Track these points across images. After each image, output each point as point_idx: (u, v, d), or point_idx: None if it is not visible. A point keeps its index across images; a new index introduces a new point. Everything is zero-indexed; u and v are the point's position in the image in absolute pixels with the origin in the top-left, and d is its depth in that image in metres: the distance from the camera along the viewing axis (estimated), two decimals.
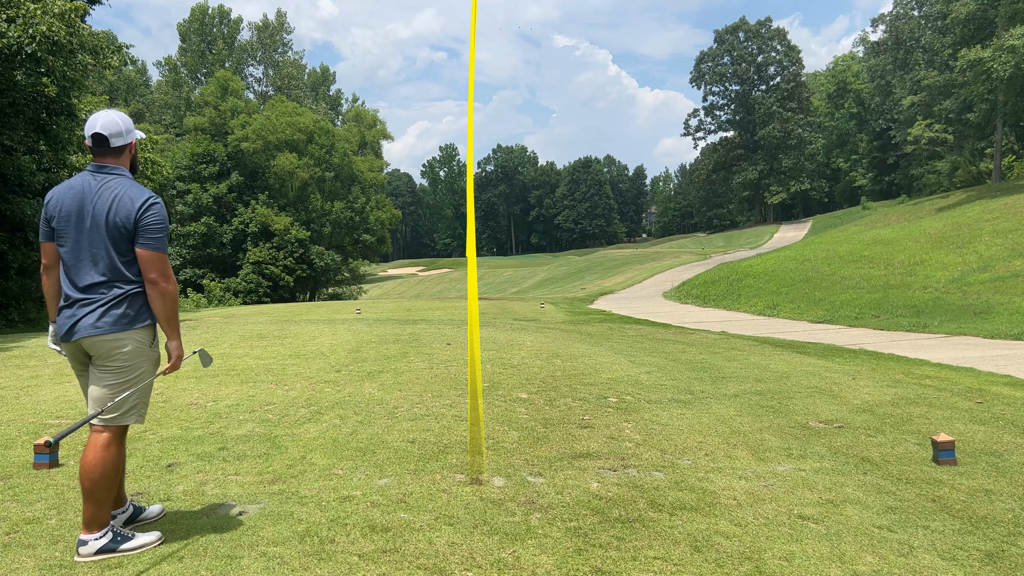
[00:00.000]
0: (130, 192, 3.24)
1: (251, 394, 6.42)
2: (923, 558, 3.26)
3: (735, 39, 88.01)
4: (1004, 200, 30.53)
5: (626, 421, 5.61)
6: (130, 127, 3.35)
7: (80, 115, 19.86)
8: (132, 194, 3.24)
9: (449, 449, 4.74)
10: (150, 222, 3.21)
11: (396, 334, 10.81)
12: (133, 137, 3.37)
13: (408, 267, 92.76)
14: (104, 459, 3.18)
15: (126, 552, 3.17)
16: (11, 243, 17.37)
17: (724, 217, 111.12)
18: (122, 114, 3.35)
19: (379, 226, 60.51)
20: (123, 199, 3.22)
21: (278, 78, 75.02)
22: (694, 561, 3.15)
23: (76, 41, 16.67)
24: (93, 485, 3.14)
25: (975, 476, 4.45)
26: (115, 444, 3.24)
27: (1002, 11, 39.92)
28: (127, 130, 3.32)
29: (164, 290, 3.22)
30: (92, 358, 3.25)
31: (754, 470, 4.48)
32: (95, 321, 3.16)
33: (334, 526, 3.45)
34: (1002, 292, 17.34)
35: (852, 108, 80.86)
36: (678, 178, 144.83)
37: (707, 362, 8.89)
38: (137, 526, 3.45)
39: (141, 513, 3.49)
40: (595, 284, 39.76)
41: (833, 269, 24.06)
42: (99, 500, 3.16)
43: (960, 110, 52.16)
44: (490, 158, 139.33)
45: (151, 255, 3.20)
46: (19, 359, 8.94)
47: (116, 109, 3.40)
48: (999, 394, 7.21)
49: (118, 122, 3.29)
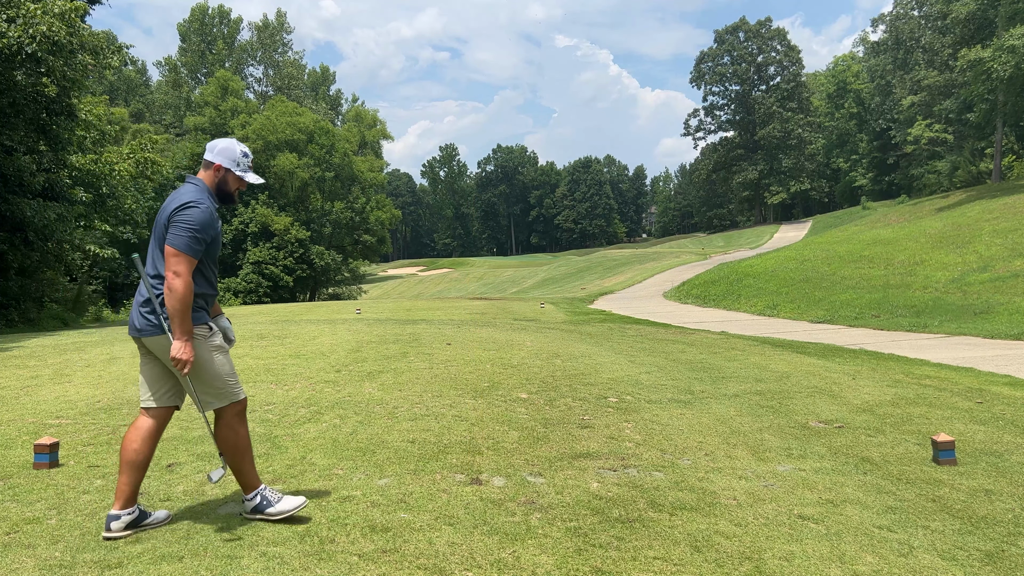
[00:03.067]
0: (181, 194, 3.45)
1: (251, 394, 6.41)
2: (923, 558, 3.26)
3: (735, 39, 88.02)
4: (1004, 200, 30.54)
5: (626, 421, 5.61)
6: (224, 150, 3.58)
7: (80, 115, 19.86)
8: (181, 196, 3.44)
9: (449, 449, 4.74)
10: (179, 219, 3.37)
11: (396, 334, 10.81)
12: (221, 160, 3.56)
13: (408, 267, 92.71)
14: (224, 436, 3.54)
15: (270, 517, 3.49)
16: (11, 243, 17.34)
17: (724, 217, 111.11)
18: (233, 142, 3.65)
19: (379, 226, 60.56)
20: (173, 200, 3.45)
21: (278, 78, 75.05)
22: (694, 561, 3.15)
23: (76, 41, 16.68)
24: (227, 458, 3.55)
25: (975, 476, 4.45)
26: (227, 427, 3.54)
27: (1002, 11, 39.91)
28: (219, 151, 3.57)
29: (171, 286, 3.31)
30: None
31: (754, 470, 4.48)
32: (138, 322, 3.47)
33: (334, 526, 3.45)
34: (1002, 292, 17.34)
35: (852, 108, 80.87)
36: (678, 178, 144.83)
37: (707, 362, 8.89)
38: (144, 529, 3.43)
39: (146, 518, 3.48)
40: (595, 284, 39.76)
41: (833, 269, 24.07)
42: (236, 469, 3.55)
43: (960, 110, 52.16)
44: (490, 158, 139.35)
45: (169, 250, 3.35)
46: (19, 359, 8.94)
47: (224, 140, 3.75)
48: (999, 394, 7.21)
49: (216, 143, 3.61)
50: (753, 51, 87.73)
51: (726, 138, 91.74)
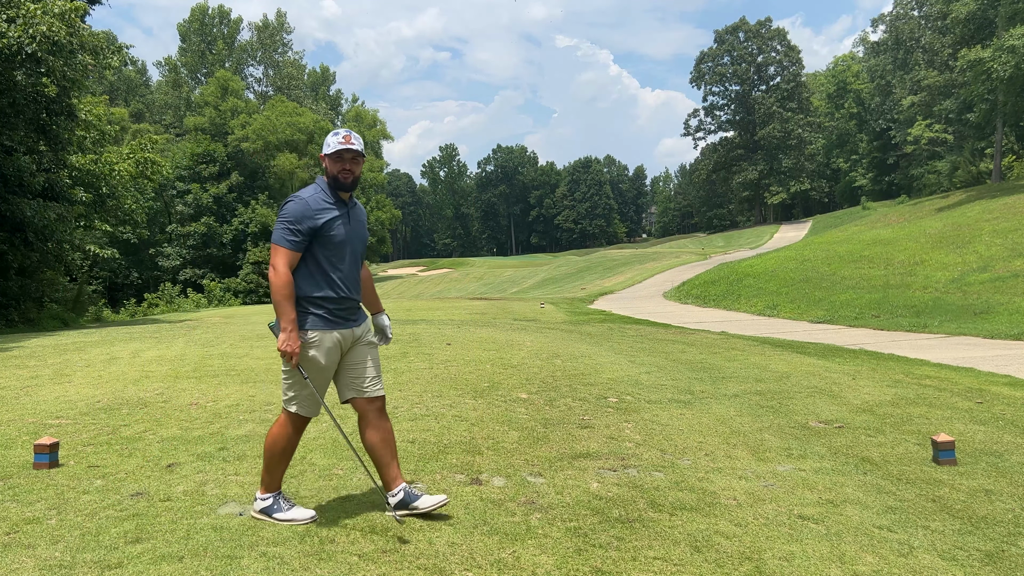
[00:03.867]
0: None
1: (251, 394, 6.42)
2: (923, 558, 3.26)
3: (735, 39, 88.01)
4: (1004, 200, 30.54)
5: (626, 421, 5.60)
6: (324, 143, 3.57)
7: (80, 115, 19.86)
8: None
9: (449, 449, 4.74)
10: (278, 215, 3.49)
11: (396, 334, 10.81)
12: (324, 151, 3.56)
13: (408, 267, 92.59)
14: (273, 433, 3.58)
15: (277, 520, 3.49)
16: (11, 243, 17.33)
17: (724, 217, 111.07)
18: (345, 131, 3.58)
19: (379, 226, 60.64)
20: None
21: (278, 78, 75.03)
22: (694, 561, 3.15)
23: (76, 41, 16.68)
24: (264, 452, 3.59)
25: (975, 476, 4.45)
26: (280, 426, 3.57)
27: (1002, 11, 39.92)
28: (325, 143, 3.57)
29: (270, 278, 3.43)
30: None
31: (754, 470, 4.48)
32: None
33: (334, 526, 3.45)
34: (1002, 292, 17.34)
35: (852, 108, 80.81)
36: (678, 178, 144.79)
37: (707, 362, 8.89)
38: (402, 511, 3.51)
39: (415, 500, 3.54)
40: (595, 284, 39.75)
41: (833, 269, 24.07)
42: (266, 466, 3.57)
43: (960, 110, 52.15)
44: (490, 158, 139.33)
45: (271, 245, 3.45)
46: (19, 359, 8.94)
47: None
48: (999, 394, 7.21)
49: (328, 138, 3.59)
50: (753, 51, 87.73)
51: (726, 138, 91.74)
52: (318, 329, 3.45)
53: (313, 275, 3.45)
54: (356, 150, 3.51)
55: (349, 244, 3.52)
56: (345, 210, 3.53)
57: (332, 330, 3.48)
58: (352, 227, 3.56)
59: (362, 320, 3.65)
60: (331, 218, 3.45)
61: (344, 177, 3.50)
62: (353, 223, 3.58)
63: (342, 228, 3.48)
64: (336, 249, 3.46)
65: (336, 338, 3.50)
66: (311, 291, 3.44)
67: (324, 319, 3.47)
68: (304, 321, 3.43)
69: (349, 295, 3.53)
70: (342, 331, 3.52)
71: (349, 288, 3.52)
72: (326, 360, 3.48)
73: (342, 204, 3.52)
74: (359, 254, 3.61)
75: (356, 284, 3.58)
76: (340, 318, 3.51)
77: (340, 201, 3.52)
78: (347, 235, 3.51)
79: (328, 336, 3.47)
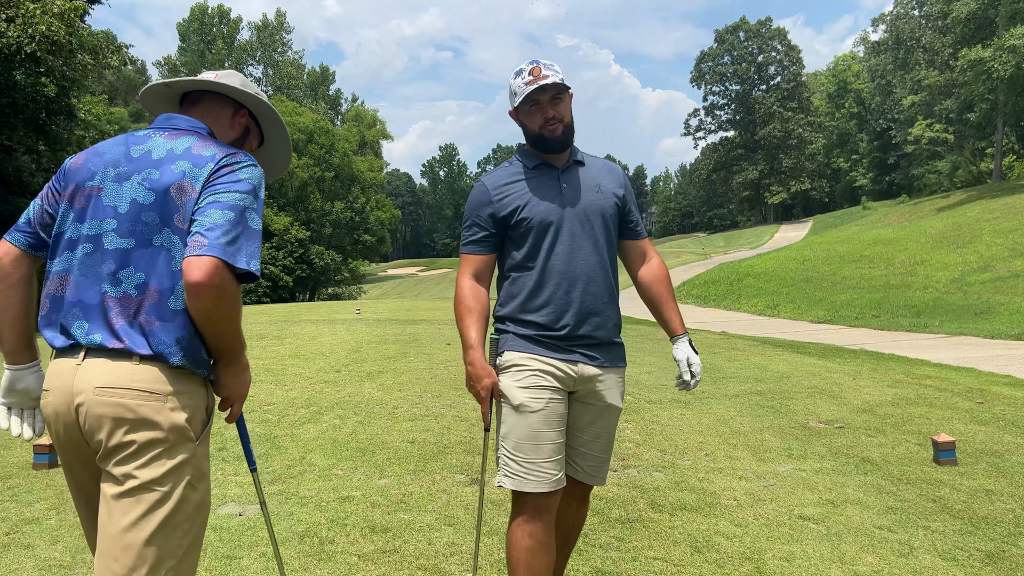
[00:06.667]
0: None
1: (251, 394, 6.41)
2: (923, 558, 3.26)
3: (735, 39, 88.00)
4: (1004, 200, 30.52)
5: (626, 421, 5.60)
6: (513, 85, 2.59)
7: (79, 115, 19.85)
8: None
9: (449, 449, 4.73)
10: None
11: (396, 334, 10.80)
12: (511, 103, 2.62)
13: (408, 267, 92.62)
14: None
15: None
16: None
17: (724, 217, 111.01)
18: (531, 63, 2.55)
19: (379, 226, 60.56)
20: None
21: (278, 78, 75.03)
22: (694, 561, 3.15)
23: (76, 41, 16.67)
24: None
25: (975, 476, 4.44)
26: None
27: (1002, 11, 39.91)
28: (509, 92, 2.63)
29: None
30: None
31: (754, 470, 4.48)
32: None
33: (334, 526, 3.44)
34: (1002, 292, 17.34)
35: (852, 108, 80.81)
36: (678, 178, 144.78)
37: (707, 362, 8.88)
38: None
39: None
40: None
41: (833, 269, 24.06)
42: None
43: (960, 110, 52.10)
44: (490, 158, 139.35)
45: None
46: None
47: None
48: (999, 394, 7.20)
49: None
50: (753, 51, 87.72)
51: (726, 138, 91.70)
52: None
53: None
54: (555, 83, 2.44)
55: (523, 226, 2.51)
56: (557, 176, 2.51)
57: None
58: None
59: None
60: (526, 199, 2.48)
61: (552, 129, 2.47)
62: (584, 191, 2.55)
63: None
64: (517, 230, 2.52)
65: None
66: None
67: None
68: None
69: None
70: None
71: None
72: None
73: (550, 171, 2.51)
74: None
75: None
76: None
77: (549, 168, 2.52)
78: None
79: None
